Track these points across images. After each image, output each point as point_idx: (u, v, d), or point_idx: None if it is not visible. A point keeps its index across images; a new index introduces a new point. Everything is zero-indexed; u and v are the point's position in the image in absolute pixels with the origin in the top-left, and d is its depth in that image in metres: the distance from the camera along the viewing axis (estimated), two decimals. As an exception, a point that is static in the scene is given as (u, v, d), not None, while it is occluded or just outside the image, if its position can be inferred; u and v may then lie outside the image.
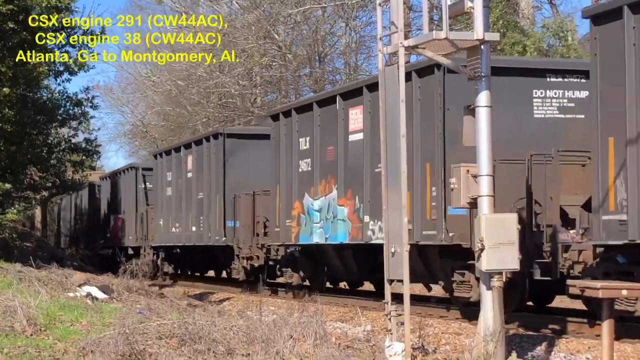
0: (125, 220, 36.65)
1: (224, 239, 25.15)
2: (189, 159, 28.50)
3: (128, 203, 36.33)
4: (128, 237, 35.97)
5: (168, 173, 30.52)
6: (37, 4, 24.10)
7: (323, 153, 19.55)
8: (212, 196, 26.05)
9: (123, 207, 37.29)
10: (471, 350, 10.69)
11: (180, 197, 29.02)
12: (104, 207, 41.27)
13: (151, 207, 33.21)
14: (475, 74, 10.68)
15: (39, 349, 10.54)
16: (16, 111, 26.23)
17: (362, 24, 39.96)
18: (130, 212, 35.75)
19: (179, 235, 29.17)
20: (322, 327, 10.99)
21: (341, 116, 18.61)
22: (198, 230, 27.30)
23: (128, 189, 36.52)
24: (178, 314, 12.90)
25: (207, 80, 41.59)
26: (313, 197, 19.80)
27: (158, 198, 31.46)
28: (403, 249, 10.72)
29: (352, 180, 18.22)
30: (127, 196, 36.69)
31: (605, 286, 10.34)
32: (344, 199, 18.51)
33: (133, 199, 35.61)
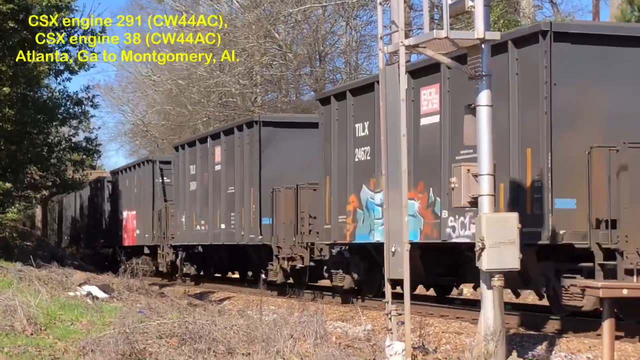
0: (140, 217, 34.40)
1: (260, 238, 22.98)
2: (216, 150, 25.98)
3: (143, 199, 33.93)
4: (144, 235, 33.65)
5: (192, 166, 28.05)
6: (37, 3, 24.12)
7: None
8: (245, 190, 23.87)
9: (137, 203, 34.88)
10: (472, 350, 10.68)
11: (207, 192, 26.60)
12: (114, 203, 39.14)
13: (170, 203, 31.05)
14: (476, 73, 10.67)
15: (39, 348, 10.54)
16: (16, 110, 26.25)
17: (363, 23, 40.03)
18: (146, 209, 33.41)
19: (205, 234, 26.74)
20: (323, 326, 10.99)
21: (410, 96, 15.78)
22: (228, 228, 24.97)
23: (144, 183, 34.05)
24: (178, 313, 12.89)
25: (208, 80, 41.60)
26: (374, 189, 17.40)
27: (180, 193, 29.08)
28: (403, 248, 10.72)
29: (425, 170, 15.92)
30: (142, 191, 34.25)
31: (605, 285, 10.34)
32: (414, 192, 15.87)
33: (150, 194, 33.23)
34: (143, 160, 35.09)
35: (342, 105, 18.85)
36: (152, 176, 33.18)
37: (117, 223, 38.16)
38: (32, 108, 27.87)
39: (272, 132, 23.40)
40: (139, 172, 34.94)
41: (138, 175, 34.97)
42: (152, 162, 33.66)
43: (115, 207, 39.15)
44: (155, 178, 33.06)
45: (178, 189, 29.38)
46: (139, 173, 34.79)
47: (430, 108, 15.84)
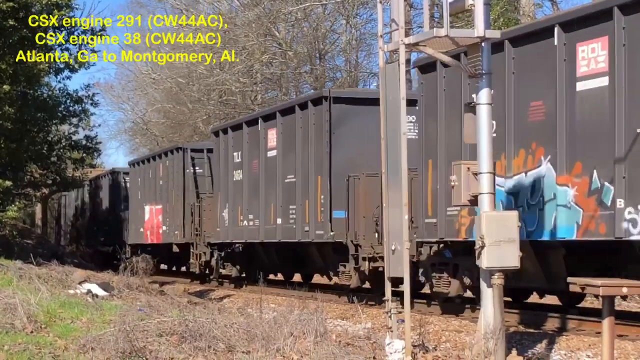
0: (167, 212, 30.83)
1: (331, 234, 19.40)
2: (270, 134, 22.46)
3: (172, 191, 30.36)
4: (173, 232, 30.04)
5: (236, 153, 24.52)
6: (37, 1, 24.13)
7: (521, 111, 14.01)
8: (310, 179, 20.36)
9: (163, 197, 31.42)
10: (471, 348, 10.69)
11: (257, 182, 23.07)
12: (132, 196, 35.53)
13: (208, 196, 27.80)
14: (476, 72, 10.67)
15: (40, 346, 10.54)
16: (16, 108, 26.29)
17: (363, 22, 40.02)
18: (176, 203, 29.94)
19: (254, 230, 23.28)
20: (323, 324, 10.99)
21: (562, 55, 13.22)
22: (286, 222, 21.50)
23: (172, 174, 30.40)
24: (178, 311, 12.90)
25: (208, 78, 41.60)
26: (505, 174, 14.20)
27: (220, 184, 25.38)
28: (403, 246, 10.72)
29: (584, 147, 12.84)
30: (170, 183, 30.60)
31: (605, 284, 10.35)
32: (567, 176, 13.08)
33: (179, 186, 29.65)
34: (171, 149, 31.14)
35: (450, 72, 15.55)
36: (183, 166, 29.59)
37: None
38: (32, 106, 27.91)
39: (345, 110, 19.78)
40: (165, 162, 31.34)
41: (164, 166, 31.39)
42: (182, 150, 29.88)
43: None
44: (186, 168, 29.51)
45: (219, 180, 25.71)
46: (166, 163, 31.20)
47: (594, 68, 12.77)
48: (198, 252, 27.93)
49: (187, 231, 28.86)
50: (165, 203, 31.06)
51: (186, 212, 29.14)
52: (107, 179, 39.39)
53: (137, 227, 34.48)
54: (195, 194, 29.20)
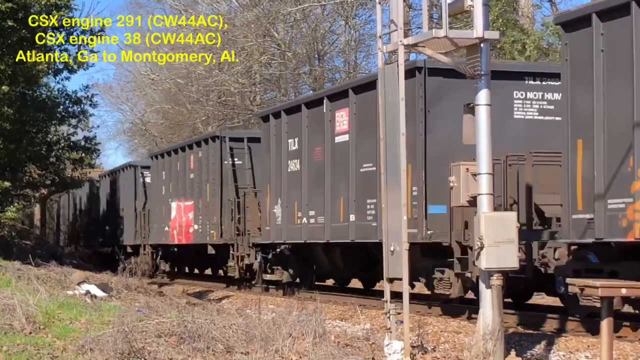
0: (200, 209, 27.58)
1: (429, 233, 16.23)
2: (339, 116, 19.23)
3: (206, 185, 27.11)
4: (207, 231, 26.85)
5: (292, 140, 21.28)
6: (36, 2, 24.13)
7: None
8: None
9: (194, 191, 28.20)
10: (470, 349, 10.69)
11: (321, 173, 19.88)
12: (154, 191, 32.39)
13: (253, 190, 24.73)
14: (475, 72, 10.67)
15: (38, 346, 10.53)
16: (15, 109, 26.29)
17: (362, 22, 40.04)
18: (212, 198, 26.63)
19: (317, 229, 20.05)
20: (322, 325, 10.99)
21: None
22: (362, 220, 18.12)
23: (207, 166, 27.09)
24: (177, 312, 12.90)
25: (207, 79, 41.62)
26: None
27: (271, 176, 22.17)
28: (402, 247, 10.72)
29: None
30: (205, 176, 27.31)
31: (604, 285, 10.34)
32: None
33: (216, 180, 26.41)
34: (205, 138, 27.75)
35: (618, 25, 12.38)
36: (220, 157, 26.23)
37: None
38: (31, 107, 27.92)
39: (444, 84, 16.37)
40: (198, 153, 28.00)
41: (197, 157, 28.07)
42: (219, 139, 26.44)
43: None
44: (224, 159, 26.12)
45: (269, 171, 22.35)
46: (199, 154, 27.90)
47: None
48: (239, 254, 24.60)
49: (226, 230, 25.62)
50: (197, 199, 27.73)
51: (224, 209, 25.85)
52: (142, 167, 35.52)
53: (160, 226, 31.10)
54: (234, 188, 25.81)
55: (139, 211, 34.46)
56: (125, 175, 36.86)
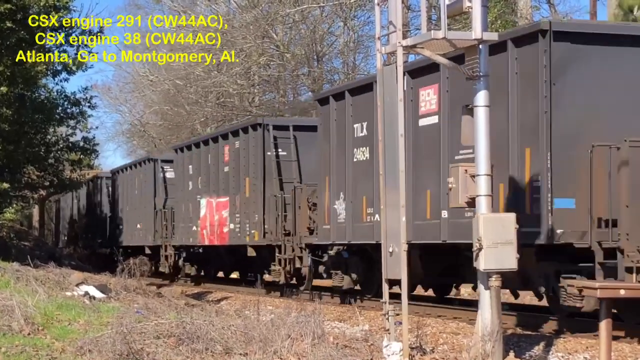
0: (237, 205, 24.63)
1: (559, 233, 13.15)
2: (424, 95, 16.18)
3: (244, 180, 24.23)
4: (246, 230, 23.89)
5: (358, 125, 18.22)
6: (35, 3, 24.15)
7: None
8: (512, 153, 13.84)
9: (229, 187, 25.23)
10: (469, 350, 10.70)
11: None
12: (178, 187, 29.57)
13: (307, 185, 21.53)
14: (473, 74, 10.68)
15: (37, 348, 10.53)
16: (14, 110, 26.30)
17: (361, 24, 40.04)
18: (252, 194, 23.70)
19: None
20: (320, 326, 10.99)
21: None
22: (458, 216, 14.77)
23: (245, 158, 24.20)
24: (176, 313, 12.90)
25: (205, 80, 41.61)
26: None
27: (332, 167, 19.16)
28: (401, 248, 10.73)
29: None
30: (242, 170, 24.39)
31: (603, 286, 10.35)
32: None
33: (258, 173, 23.43)
34: (244, 126, 24.81)
35: None
36: (262, 148, 23.32)
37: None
38: (29, 108, 27.92)
39: (573, 51, 13.49)
40: (234, 144, 25.05)
41: (232, 148, 25.16)
42: (261, 126, 23.53)
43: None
44: (266, 150, 23.38)
45: (329, 161, 19.33)
46: (235, 144, 25.00)
47: None
48: (286, 257, 21.97)
49: (271, 230, 22.81)
50: (234, 195, 24.74)
51: (268, 207, 22.91)
52: (162, 160, 33.22)
53: (187, 226, 28.33)
54: (278, 182, 23.10)
55: (159, 209, 31.98)
56: (143, 170, 33.88)
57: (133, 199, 35.38)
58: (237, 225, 24.56)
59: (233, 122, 38.19)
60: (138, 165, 34.97)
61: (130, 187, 35.95)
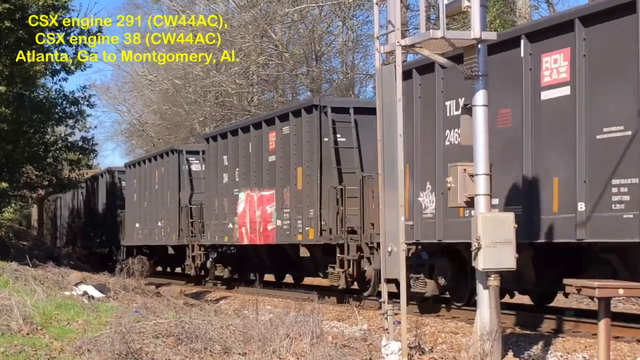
0: (283, 200, 21.77)
1: None
2: (547, 61, 13.29)
3: (294, 170, 21.33)
4: (301, 228, 20.88)
5: (452, 102, 15.26)
6: (34, 3, 24.15)
7: None
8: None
9: (273, 179, 22.38)
10: (467, 349, 10.69)
11: (511, 145, 13.74)
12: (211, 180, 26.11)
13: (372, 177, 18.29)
14: (472, 73, 10.68)
15: (36, 347, 10.54)
16: (12, 110, 26.30)
17: (359, 23, 40.04)
18: (306, 186, 20.66)
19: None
20: (319, 326, 10.99)
21: None
22: (601, 209, 12.20)
23: (294, 146, 21.33)
24: (175, 312, 12.90)
25: (204, 79, 41.61)
26: None
27: (414, 153, 16.14)
28: (400, 248, 10.72)
29: None
30: (291, 159, 21.49)
31: (601, 285, 10.35)
32: None
33: (313, 162, 20.47)
34: (297, 109, 21.62)
35: None
36: (319, 132, 20.30)
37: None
38: (28, 107, 27.93)
39: None
40: (281, 129, 22.10)
41: (280, 135, 22.16)
42: (317, 108, 20.52)
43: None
44: (323, 136, 20.32)
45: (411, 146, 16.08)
46: (282, 130, 22.08)
47: None
48: (350, 258, 19.27)
49: (329, 227, 19.94)
50: (281, 188, 21.89)
51: (327, 200, 19.99)
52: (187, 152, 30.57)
53: (221, 223, 25.46)
54: (337, 173, 20.16)
55: (184, 205, 29.28)
56: (166, 162, 30.92)
57: (152, 195, 32.46)
58: (285, 222, 21.67)
59: (232, 121, 38.11)
60: (159, 157, 31.84)
61: (148, 181, 32.93)
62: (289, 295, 21.54)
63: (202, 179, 28.32)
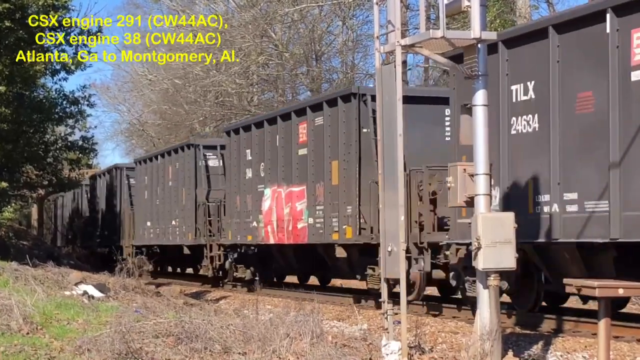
0: (316, 195, 20.06)
1: None
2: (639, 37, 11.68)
3: (328, 164, 19.61)
4: (339, 226, 19.17)
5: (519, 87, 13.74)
6: (34, 2, 24.15)
7: None
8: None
9: (303, 174, 20.67)
10: (467, 349, 10.69)
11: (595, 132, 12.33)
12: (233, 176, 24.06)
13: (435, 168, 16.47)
14: (472, 73, 10.68)
15: (35, 347, 10.54)
16: (12, 109, 26.31)
17: (359, 23, 40.03)
18: (344, 179, 18.99)
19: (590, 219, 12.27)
20: (319, 325, 10.99)
21: None
22: None
23: (330, 137, 19.52)
24: (175, 312, 12.91)
25: (204, 79, 41.61)
26: None
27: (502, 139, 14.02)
28: (399, 248, 10.73)
29: None
30: (324, 151, 19.68)
31: (602, 285, 10.35)
32: None
33: (350, 155, 18.89)
34: (330, 98, 19.94)
35: None
36: (358, 123, 18.69)
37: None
38: (28, 107, 27.94)
39: None
40: (313, 120, 20.34)
41: (311, 126, 20.36)
42: (355, 97, 18.78)
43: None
44: (362, 126, 18.68)
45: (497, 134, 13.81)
46: (315, 121, 20.32)
47: None
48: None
49: (371, 225, 17.99)
50: (313, 183, 20.15)
51: (366, 196, 18.28)
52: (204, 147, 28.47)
53: (244, 221, 23.75)
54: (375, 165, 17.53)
55: (201, 202, 27.45)
56: (181, 157, 29.07)
57: (165, 192, 30.68)
58: (318, 220, 20.02)
59: (232, 121, 38.08)
60: (173, 152, 29.93)
61: (161, 177, 31.10)
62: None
63: (220, 175, 27.28)
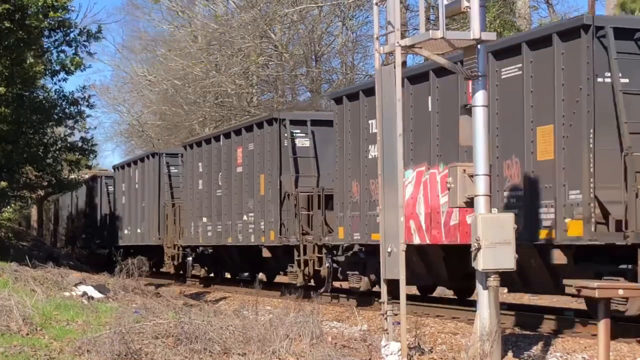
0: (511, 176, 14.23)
1: None
2: None
3: None
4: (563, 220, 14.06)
5: None
6: (33, 3, 24.13)
7: None
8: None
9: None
10: (467, 350, 10.69)
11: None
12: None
13: None
14: (472, 74, 10.68)
15: (35, 348, 10.53)
16: (12, 110, 26.27)
17: (359, 24, 40.03)
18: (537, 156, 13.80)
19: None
20: (319, 326, 10.99)
21: None
22: None
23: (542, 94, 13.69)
24: (174, 313, 12.89)
25: (204, 80, 41.59)
26: None
27: None
28: (399, 248, 10.72)
29: None
30: None
31: (601, 286, 10.35)
32: None
33: None
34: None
35: None
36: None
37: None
38: (27, 108, 27.90)
39: None
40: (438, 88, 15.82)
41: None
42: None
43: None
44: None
45: None
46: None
47: None
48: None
49: None
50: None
51: None
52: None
53: (365, 214, 17.97)
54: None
55: (288, 192, 21.63)
56: (256, 136, 23.04)
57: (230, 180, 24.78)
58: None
59: (232, 122, 38.00)
60: (244, 131, 24.05)
61: (224, 162, 25.27)
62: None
63: (312, 158, 21.77)
